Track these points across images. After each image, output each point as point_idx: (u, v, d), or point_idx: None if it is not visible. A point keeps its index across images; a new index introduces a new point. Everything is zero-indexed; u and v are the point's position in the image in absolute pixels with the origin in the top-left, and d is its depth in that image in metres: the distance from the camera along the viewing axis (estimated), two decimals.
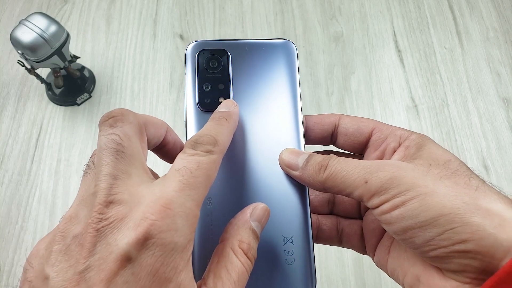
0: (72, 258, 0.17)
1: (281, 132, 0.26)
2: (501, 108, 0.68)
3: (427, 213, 0.20)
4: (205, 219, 0.24)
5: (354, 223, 0.28)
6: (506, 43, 0.73)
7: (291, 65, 0.27)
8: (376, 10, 0.76)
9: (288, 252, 0.24)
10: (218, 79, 0.26)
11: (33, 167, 0.64)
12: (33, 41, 0.55)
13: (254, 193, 0.25)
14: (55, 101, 0.68)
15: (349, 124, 0.27)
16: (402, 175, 0.21)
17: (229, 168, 0.25)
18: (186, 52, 0.27)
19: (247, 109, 0.26)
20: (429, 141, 0.24)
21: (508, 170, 0.64)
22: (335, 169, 0.23)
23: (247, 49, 0.27)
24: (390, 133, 0.25)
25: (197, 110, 0.26)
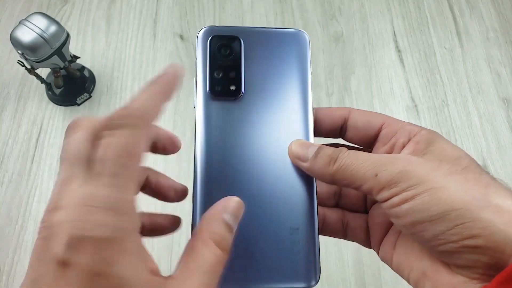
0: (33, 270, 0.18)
1: (291, 123, 0.26)
2: (501, 108, 0.68)
3: (438, 207, 0.20)
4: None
5: (360, 217, 0.28)
6: (506, 43, 0.73)
7: (304, 56, 0.27)
8: (376, 10, 0.76)
9: (294, 243, 0.24)
10: (230, 67, 0.26)
11: (33, 167, 0.64)
12: (33, 41, 0.55)
13: (260, 183, 0.24)
14: (55, 101, 0.68)
15: (359, 117, 0.26)
16: (412, 169, 0.21)
17: (237, 157, 0.25)
18: (197, 37, 0.26)
19: (257, 98, 0.26)
20: (439, 137, 0.23)
21: (508, 170, 0.64)
22: (345, 162, 0.23)
23: (259, 37, 0.27)
24: (400, 128, 0.25)
25: (207, 97, 0.26)
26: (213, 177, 0.24)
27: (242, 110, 0.26)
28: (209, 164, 0.25)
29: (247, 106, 0.26)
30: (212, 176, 0.25)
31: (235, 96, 0.26)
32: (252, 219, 0.24)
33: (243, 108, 0.26)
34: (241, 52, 0.26)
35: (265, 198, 0.24)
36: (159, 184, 0.26)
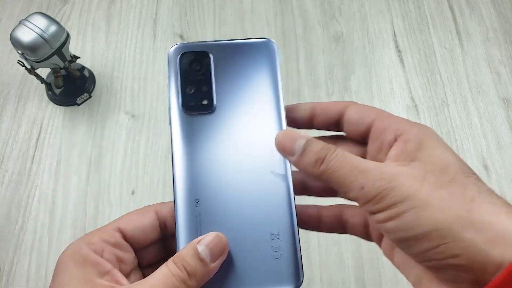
0: None
1: (264, 130, 0.26)
2: (501, 108, 0.68)
3: (420, 228, 0.20)
4: (193, 220, 0.24)
5: (358, 213, 0.28)
6: (506, 43, 0.73)
7: (272, 64, 0.27)
8: (376, 10, 0.76)
9: (275, 248, 0.24)
10: (201, 81, 0.27)
11: (33, 167, 0.64)
12: (33, 41, 0.55)
13: (239, 192, 0.25)
14: (55, 101, 0.68)
15: (354, 112, 0.26)
16: (398, 184, 0.21)
17: (214, 169, 0.25)
18: (168, 56, 0.28)
19: (230, 110, 0.26)
20: (430, 138, 0.23)
21: (508, 170, 0.64)
22: (332, 165, 0.22)
23: (228, 50, 0.28)
24: (388, 125, 0.25)
25: (181, 113, 0.26)
26: (192, 189, 0.25)
27: (216, 123, 0.26)
28: (188, 179, 0.25)
29: (221, 119, 0.26)
30: (191, 188, 0.25)
31: (208, 110, 0.26)
32: (233, 227, 0.24)
33: (217, 121, 0.26)
34: (211, 66, 0.27)
35: (245, 206, 0.25)
36: None
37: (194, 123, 0.26)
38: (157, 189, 0.62)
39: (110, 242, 0.24)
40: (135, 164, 0.64)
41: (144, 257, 0.26)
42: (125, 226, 0.25)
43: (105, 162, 0.64)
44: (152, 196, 0.62)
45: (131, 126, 0.67)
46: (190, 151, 0.26)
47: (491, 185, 0.62)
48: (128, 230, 0.25)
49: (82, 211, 0.61)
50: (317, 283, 0.56)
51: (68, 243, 0.25)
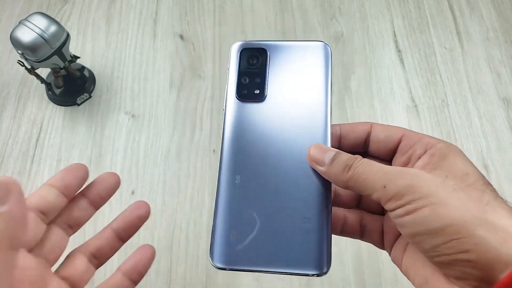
0: None
1: (310, 122, 0.28)
2: (501, 108, 0.68)
3: (436, 222, 0.21)
4: (233, 192, 0.27)
5: (377, 219, 0.29)
6: (506, 43, 0.73)
7: (324, 66, 0.30)
8: (376, 10, 0.76)
9: (307, 232, 0.25)
10: (256, 74, 0.30)
11: (33, 167, 0.64)
12: (33, 41, 0.55)
13: (279, 175, 0.27)
14: (55, 101, 0.68)
15: (380, 131, 0.28)
16: (418, 184, 0.22)
17: (258, 151, 0.27)
18: (230, 50, 0.30)
19: (279, 101, 0.29)
20: (454, 152, 0.25)
21: (508, 170, 0.64)
22: (358, 170, 0.24)
23: (285, 49, 0.30)
24: (418, 140, 0.26)
25: (235, 100, 0.29)
26: (237, 166, 0.27)
27: (265, 111, 0.29)
28: (233, 156, 0.27)
29: (270, 108, 0.29)
30: (235, 165, 0.27)
31: (259, 98, 0.29)
32: (269, 207, 0.26)
33: (266, 109, 0.29)
34: (267, 62, 0.30)
35: (283, 189, 0.26)
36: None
37: (245, 109, 0.29)
38: (157, 189, 0.62)
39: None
40: (135, 164, 0.64)
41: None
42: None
43: (105, 162, 0.64)
44: (152, 196, 0.62)
45: (131, 126, 0.67)
46: (238, 132, 0.28)
47: None
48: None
49: None
50: (317, 283, 0.56)
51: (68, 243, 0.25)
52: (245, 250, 0.25)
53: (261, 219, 0.26)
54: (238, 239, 0.25)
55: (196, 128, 0.66)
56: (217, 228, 0.26)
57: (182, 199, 0.61)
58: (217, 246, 0.25)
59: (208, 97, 0.69)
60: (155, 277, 0.57)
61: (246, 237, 0.25)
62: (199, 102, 0.68)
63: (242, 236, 0.25)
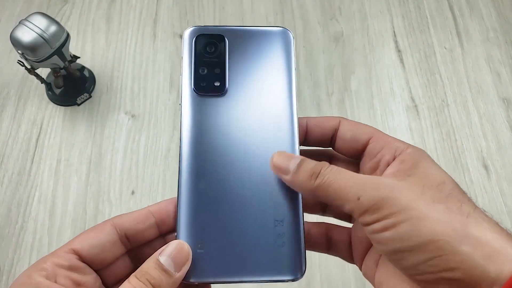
0: None
1: (275, 118, 0.26)
2: (501, 108, 0.68)
3: (417, 238, 0.20)
4: (195, 200, 0.24)
5: (343, 232, 0.28)
6: (506, 43, 0.73)
7: (287, 54, 0.27)
8: (376, 10, 0.76)
9: (278, 235, 0.24)
10: (214, 64, 0.27)
11: (33, 167, 0.64)
12: (33, 41, 0.55)
13: (245, 175, 0.25)
14: (55, 101, 0.68)
15: (348, 129, 0.27)
16: (395, 195, 0.21)
17: (221, 150, 0.25)
18: (183, 37, 0.28)
19: (242, 94, 0.26)
20: (425, 158, 0.23)
21: (508, 170, 0.64)
22: (327, 178, 0.22)
23: (244, 36, 0.28)
24: (386, 144, 0.25)
25: (192, 93, 0.26)
26: (198, 170, 0.25)
27: (227, 105, 0.26)
28: (194, 158, 0.25)
29: (232, 102, 0.26)
30: (197, 169, 0.25)
31: (219, 91, 0.26)
32: (236, 212, 0.24)
33: (228, 104, 0.26)
34: (226, 50, 0.27)
35: (250, 189, 0.25)
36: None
37: (204, 104, 0.26)
38: (157, 189, 0.62)
39: (64, 266, 0.22)
40: (135, 164, 0.64)
41: (110, 276, 0.25)
42: (80, 246, 0.23)
43: (105, 162, 0.64)
44: (152, 196, 0.62)
45: (131, 126, 0.67)
46: (198, 131, 0.25)
47: (491, 185, 0.62)
48: (84, 250, 0.23)
49: (82, 211, 0.61)
50: (317, 283, 0.56)
51: None
52: (214, 260, 0.23)
53: (228, 226, 0.24)
54: (206, 249, 0.23)
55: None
56: (181, 238, 0.24)
57: None
58: None
59: None
60: None
61: (214, 247, 0.23)
62: None
63: (210, 246, 0.23)
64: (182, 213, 0.24)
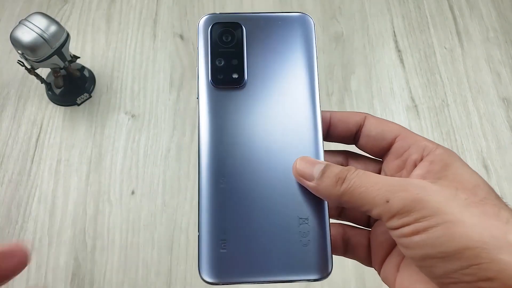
0: None
1: (297, 112, 0.25)
2: (501, 108, 0.68)
3: (452, 244, 0.18)
4: (217, 198, 0.23)
5: (361, 234, 0.26)
6: (506, 43, 0.73)
7: (309, 41, 0.26)
8: (376, 10, 0.76)
9: (303, 234, 0.23)
10: (232, 54, 0.25)
11: (33, 167, 0.64)
12: (33, 41, 0.55)
13: (267, 172, 0.24)
14: (55, 101, 0.68)
15: (373, 126, 0.25)
16: (426, 198, 0.20)
17: (241, 146, 0.24)
18: (198, 26, 0.26)
19: (261, 86, 0.25)
20: (456, 159, 0.22)
21: (508, 170, 0.64)
22: (353, 183, 0.21)
23: (262, 23, 0.26)
24: (413, 142, 0.24)
25: (209, 86, 0.25)
26: (219, 168, 0.24)
27: (246, 98, 0.25)
28: (214, 156, 0.24)
29: (251, 95, 0.25)
30: (217, 167, 0.24)
31: (238, 84, 0.25)
32: (259, 210, 0.23)
33: (247, 97, 0.25)
34: (243, 39, 0.26)
35: (272, 188, 0.24)
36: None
37: (222, 97, 0.25)
38: (157, 189, 0.62)
39: None
40: (135, 164, 0.64)
41: None
42: None
43: (105, 162, 0.64)
44: (152, 196, 0.62)
45: (131, 126, 0.67)
46: (217, 126, 0.24)
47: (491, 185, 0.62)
48: None
49: (82, 211, 0.61)
50: (317, 283, 0.56)
51: (68, 243, 0.24)
52: (237, 260, 0.22)
53: (251, 225, 0.23)
54: (229, 249, 0.23)
55: (196, 128, 0.66)
56: (204, 238, 0.23)
57: (182, 199, 0.61)
58: (206, 259, 0.22)
59: None
60: (155, 277, 0.57)
61: (237, 246, 0.23)
62: None
63: (233, 245, 0.23)
64: (203, 213, 0.23)
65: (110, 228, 0.60)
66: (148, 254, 0.58)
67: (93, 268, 0.57)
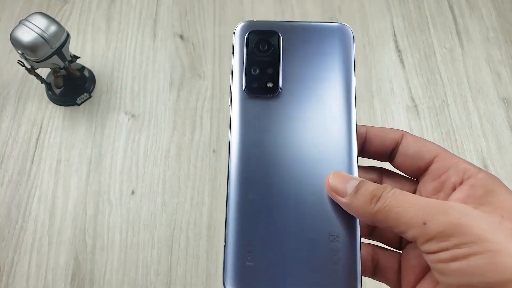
0: None
1: (332, 125, 0.24)
2: (501, 108, 0.68)
3: (494, 274, 0.17)
4: (246, 209, 0.23)
5: (392, 256, 0.25)
6: (506, 43, 0.73)
7: (347, 53, 0.25)
8: (376, 10, 0.76)
9: (334, 251, 0.22)
10: (267, 63, 0.25)
11: (33, 167, 0.64)
12: (33, 41, 0.55)
13: (298, 186, 0.23)
14: (55, 101, 0.68)
15: (411, 144, 0.25)
16: (468, 223, 0.19)
17: (273, 157, 0.24)
18: (234, 33, 0.26)
19: (296, 96, 0.25)
20: (500, 185, 0.21)
21: (508, 170, 0.64)
22: (389, 202, 0.20)
23: (299, 32, 0.26)
24: (453, 164, 0.23)
25: (243, 94, 0.25)
26: (249, 178, 0.23)
27: (280, 108, 0.24)
28: (244, 165, 0.24)
29: (285, 104, 0.24)
30: (247, 177, 0.23)
31: (272, 93, 0.25)
32: (288, 224, 0.23)
33: (281, 107, 0.24)
34: (279, 48, 0.25)
35: (304, 203, 0.23)
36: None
37: (255, 106, 0.24)
38: (157, 189, 0.62)
39: None
40: (135, 164, 0.64)
41: None
42: None
43: (105, 162, 0.64)
44: (152, 196, 0.62)
45: (131, 126, 0.67)
46: (248, 135, 0.24)
47: None
48: None
49: (82, 211, 0.61)
50: None
51: (68, 243, 0.24)
52: (264, 274, 0.22)
53: (280, 239, 0.22)
54: (255, 262, 0.22)
55: (196, 128, 0.66)
56: (230, 249, 0.22)
57: (182, 199, 0.61)
58: (230, 270, 0.22)
59: (208, 97, 0.69)
60: (155, 277, 0.57)
61: (263, 259, 0.22)
62: (199, 102, 0.68)
63: (259, 257, 0.22)
64: (230, 224, 0.23)
65: (110, 228, 0.60)
66: (148, 254, 0.58)
67: (93, 268, 0.57)
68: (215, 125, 0.67)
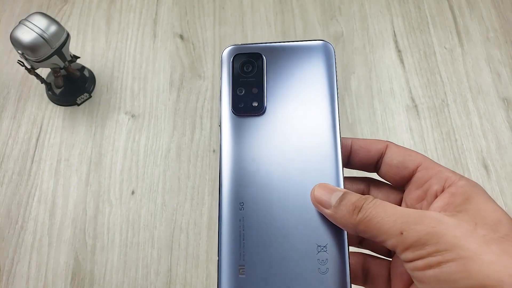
0: None
1: (314, 135, 0.25)
2: (501, 108, 0.68)
3: (467, 281, 0.18)
4: (237, 223, 0.24)
5: (382, 264, 0.26)
6: (506, 43, 0.73)
7: (329, 70, 0.27)
8: (376, 10, 0.76)
9: (322, 261, 0.23)
10: (252, 83, 0.26)
11: (33, 167, 0.64)
12: (33, 41, 0.55)
13: (286, 198, 0.24)
14: (55, 101, 0.68)
15: (395, 154, 0.25)
16: (442, 231, 0.19)
17: (261, 172, 0.25)
18: (221, 57, 0.27)
19: (280, 113, 0.26)
20: (479, 193, 0.22)
21: (508, 170, 0.64)
22: (369, 213, 0.21)
23: (282, 52, 0.27)
24: (436, 173, 0.23)
25: (231, 114, 0.26)
26: (237, 191, 0.24)
27: (265, 125, 0.26)
28: (234, 181, 0.25)
29: (271, 121, 0.26)
30: (236, 190, 0.24)
31: (257, 112, 0.26)
32: (277, 233, 0.24)
33: (266, 123, 0.26)
34: (263, 68, 0.27)
35: (292, 215, 0.24)
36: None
37: (243, 125, 0.26)
38: (157, 189, 0.62)
39: None
40: (135, 164, 0.64)
41: None
42: None
43: (105, 162, 0.64)
44: (152, 196, 0.62)
45: (131, 126, 0.67)
46: (237, 154, 0.25)
47: (491, 185, 0.62)
48: None
49: (82, 211, 0.61)
50: None
51: (68, 243, 0.24)
52: (255, 286, 0.23)
53: (270, 251, 0.23)
54: (247, 275, 0.23)
55: (196, 128, 0.66)
56: (223, 262, 0.23)
57: (182, 199, 0.61)
58: (225, 284, 0.23)
59: (208, 97, 0.69)
60: (155, 277, 0.57)
61: (255, 272, 0.23)
62: (199, 102, 0.68)
63: (251, 271, 0.23)
64: (224, 235, 0.24)
65: (110, 228, 0.60)
66: (148, 254, 0.58)
67: (93, 268, 0.57)
68: (215, 125, 0.67)
